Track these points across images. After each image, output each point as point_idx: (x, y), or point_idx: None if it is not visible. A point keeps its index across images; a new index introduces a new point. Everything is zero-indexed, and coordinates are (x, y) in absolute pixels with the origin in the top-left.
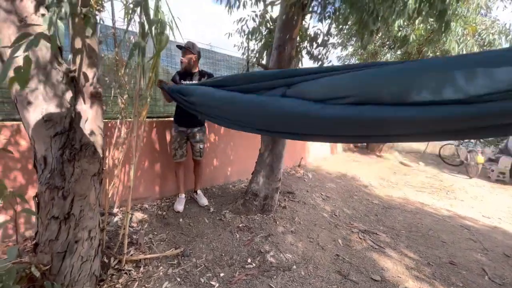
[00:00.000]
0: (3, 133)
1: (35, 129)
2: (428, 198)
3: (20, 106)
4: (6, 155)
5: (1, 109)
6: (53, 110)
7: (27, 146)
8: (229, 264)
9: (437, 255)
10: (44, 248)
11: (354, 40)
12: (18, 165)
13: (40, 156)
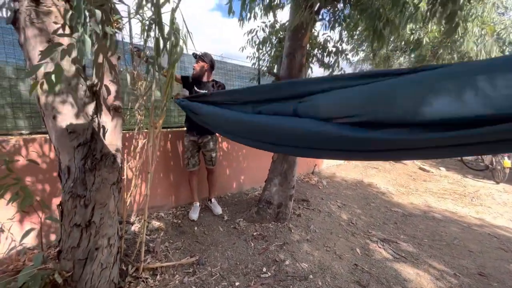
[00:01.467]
0: (32, 145)
1: (60, 140)
2: (452, 205)
3: (46, 119)
4: (33, 166)
5: (30, 123)
6: (76, 122)
7: (52, 157)
8: (244, 273)
9: (464, 265)
10: (67, 255)
11: (365, 45)
12: (45, 175)
13: (64, 166)
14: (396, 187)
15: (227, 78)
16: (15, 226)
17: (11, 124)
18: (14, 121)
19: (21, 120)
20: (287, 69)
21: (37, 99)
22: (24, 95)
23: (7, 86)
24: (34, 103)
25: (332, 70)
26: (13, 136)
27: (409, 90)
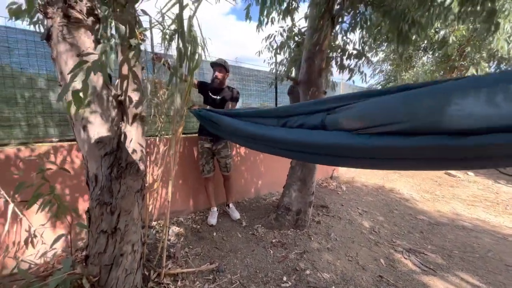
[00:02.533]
0: (60, 152)
1: (89, 150)
2: (483, 213)
3: (76, 129)
4: (63, 173)
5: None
6: (104, 132)
7: (79, 163)
8: (264, 282)
9: (501, 281)
10: (94, 260)
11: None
12: (72, 181)
13: (92, 174)
14: (420, 193)
15: (244, 83)
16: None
17: (42, 133)
18: (45, 129)
19: (51, 128)
20: (306, 74)
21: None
22: (54, 104)
23: (39, 97)
24: (62, 111)
25: (353, 74)
26: (44, 143)
27: (448, 97)
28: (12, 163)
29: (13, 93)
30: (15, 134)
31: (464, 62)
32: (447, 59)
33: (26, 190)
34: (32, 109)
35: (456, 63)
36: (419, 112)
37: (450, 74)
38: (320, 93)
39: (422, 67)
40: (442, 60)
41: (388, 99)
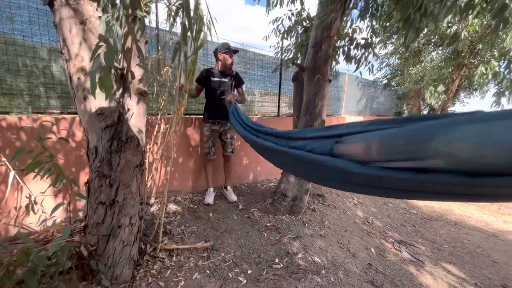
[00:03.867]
0: (62, 124)
1: (89, 121)
2: (477, 212)
3: (77, 101)
4: (63, 145)
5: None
6: (105, 104)
7: (80, 137)
8: (257, 262)
9: (486, 275)
10: (92, 230)
11: (395, 38)
12: (72, 153)
13: (92, 146)
14: None
15: (248, 67)
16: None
17: (44, 104)
18: (47, 100)
19: (53, 100)
20: (312, 60)
21: (69, 80)
22: (56, 75)
23: (41, 67)
24: (65, 84)
25: (359, 65)
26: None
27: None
28: (13, 131)
29: (15, 62)
30: (16, 103)
31: (474, 60)
32: (457, 56)
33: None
34: (34, 79)
35: (465, 60)
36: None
37: (458, 72)
38: (325, 81)
39: (430, 62)
40: (451, 56)
41: (399, 133)
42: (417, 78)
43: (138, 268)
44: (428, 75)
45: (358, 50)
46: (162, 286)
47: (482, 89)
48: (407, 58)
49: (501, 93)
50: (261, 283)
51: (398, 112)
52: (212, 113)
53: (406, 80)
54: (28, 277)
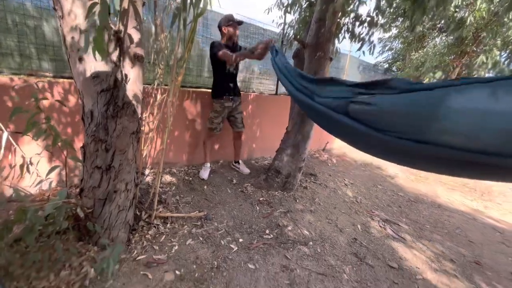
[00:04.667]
0: (56, 88)
1: (84, 84)
2: (460, 197)
3: (72, 62)
4: (58, 110)
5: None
6: (100, 68)
7: (74, 102)
8: (248, 232)
9: (462, 253)
10: (88, 194)
11: (400, 20)
12: (67, 118)
13: (88, 110)
14: (406, 174)
15: (248, 41)
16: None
17: (36, 65)
18: (38, 62)
19: (45, 62)
20: (315, 36)
21: (63, 39)
22: (48, 37)
23: (32, 26)
24: (58, 45)
25: (363, 44)
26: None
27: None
28: (5, 92)
29: (3, 18)
30: (6, 64)
31: (476, 48)
32: (460, 43)
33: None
34: (24, 38)
35: (468, 48)
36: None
37: (459, 60)
38: (326, 59)
39: (433, 48)
40: (454, 43)
41: (404, 106)
42: (418, 63)
43: (133, 233)
44: (429, 61)
45: (362, 28)
46: (157, 249)
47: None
48: (410, 43)
49: None
50: (251, 250)
51: None
52: (225, 89)
53: (407, 66)
54: (26, 234)
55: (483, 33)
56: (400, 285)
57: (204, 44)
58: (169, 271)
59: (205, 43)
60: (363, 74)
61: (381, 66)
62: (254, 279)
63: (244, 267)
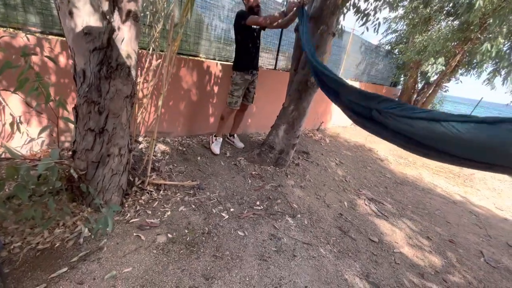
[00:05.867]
0: (44, 45)
1: (75, 41)
2: (443, 182)
3: (62, 15)
4: (47, 69)
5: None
6: (93, 23)
7: (64, 62)
8: (239, 203)
9: (438, 232)
10: (81, 156)
11: (408, 0)
12: (58, 79)
13: (80, 69)
14: (395, 157)
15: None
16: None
17: (22, 18)
18: (25, 15)
19: (32, 15)
20: (319, 9)
21: None
22: None
23: None
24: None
25: (367, 20)
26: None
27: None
28: None
29: None
30: None
31: (481, 35)
32: (465, 28)
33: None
34: None
35: (472, 34)
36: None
37: (462, 46)
38: (329, 34)
39: (437, 32)
40: (459, 28)
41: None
42: (421, 47)
43: (126, 197)
44: (432, 46)
45: (368, 4)
46: (150, 214)
47: (481, 67)
48: (415, 25)
49: (497, 71)
50: (241, 219)
51: (394, 82)
52: (250, 61)
53: (409, 49)
54: (19, 191)
55: (490, 20)
56: (379, 257)
57: (204, 10)
58: (162, 234)
59: (206, 8)
60: (364, 55)
61: (383, 48)
62: (243, 244)
63: (234, 234)
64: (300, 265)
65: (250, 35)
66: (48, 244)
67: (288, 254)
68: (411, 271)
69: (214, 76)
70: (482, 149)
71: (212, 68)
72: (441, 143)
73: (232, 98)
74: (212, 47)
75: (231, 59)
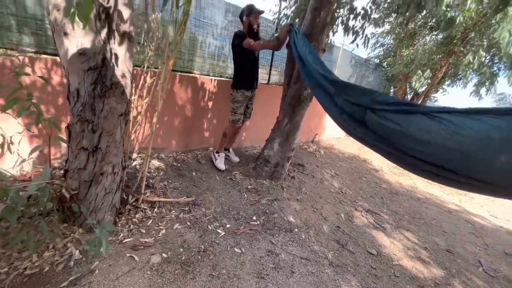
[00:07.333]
0: (37, 65)
1: (70, 61)
2: (438, 191)
3: (57, 36)
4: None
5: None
6: (88, 44)
7: (58, 81)
8: (236, 218)
9: (436, 242)
10: (73, 175)
11: (394, 16)
12: (50, 97)
13: (74, 88)
14: (389, 167)
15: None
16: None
17: (16, 38)
18: (19, 35)
19: (26, 36)
20: (310, 26)
21: (46, 9)
22: (30, 8)
23: None
24: (40, 18)
25: (356, 37)
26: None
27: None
28: None
29: None
30: None
31: (463, 48)
32: (449, 42)
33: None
34: (2, 8)
35: (456, 48)
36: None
37: (447, 59)
38: (319, 50)
39: (423, 46)
40: (443, 42)
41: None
42: (408, 60)
43: (120, 216)
44: (418, 59)
45: (356, 21)
46: (144, 233)
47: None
48: (402, 39)
49: (482, 83)
50: (238, 235)
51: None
52: (249, 80)
53: (397, 62)
54: (7, 213)
55: (471, 34)
56: (378, 270)
57: (198, 28)
58: (156, 253)
59: (199, 26)
60: (355, 68)
61: (372, 61)
62: (240, 262)
63: (230, 251)
64: (299, 282)
65: (249, 54)
66: (36, 268)
67: (286, 270)
68: (411, 284)
69: (209, 92)
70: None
71: (206, 83)
72: (435, 146)
73: (235, 116)
74: (206, 64)
75: (225, 74)
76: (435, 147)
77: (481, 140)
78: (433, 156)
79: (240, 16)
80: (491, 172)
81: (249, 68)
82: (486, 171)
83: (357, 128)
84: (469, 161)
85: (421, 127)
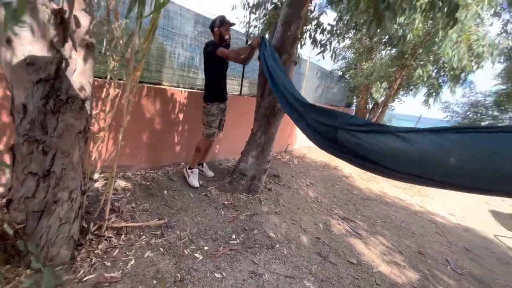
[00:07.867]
0: None
1: (15, 72)
2: (403, 193)
3: None
4: None
5: None
6: (37, 52)
7: (2, 93)
8: (214, 239)
9: (407, 244)
10: (19, 206)
11: (353, 32)
12: None
13: (19, 103)
14: (358, 173)
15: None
16: None
17: None
18: None
19: None
20: (281, 39)
21: None
22: None
23: None
24: None
25: (324, 50)
26: None
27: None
28: None
29: None
30: None
31: (414, 62)
32: (401, 57)
33: None
34: None
35: (407, 62)
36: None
37: (401, 72)
38: (291, 63)
39: (380, 60)
40: (396, 57)
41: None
42: (368, 73)
43: (79, 249)
44: (377, 72)
45: (323, 35)
46: (109, 266)
47: (417, 89)
48: (361, 53)
49: (430, 94)
50: (217, 258)
51: (348, 103)
52: (223, 91)
53: (358, 74)
54: None
55: (419, 50)
56: (360, 280)
57: (166, 38)
58: None
59: (167, 36)
60: (321, 80)
61: (336, 73)
62: None
63: (210, 277)
64: None
65: (222, 64)
66: None
67: None
68: None
69: (179, 104)
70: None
71: (176, 95)
72: (403, 158)
73: (210, 130)
74: (175, 75)
75: (196, 86)
76: (404, 158)
77: (440, 148)
78: (401, 165)
79: (211, 27)
80: (449, 173)
81: (222, 78)
82: (443, 173)
83: (328, 143)
84: (430, 166)
85: (391, 144)
